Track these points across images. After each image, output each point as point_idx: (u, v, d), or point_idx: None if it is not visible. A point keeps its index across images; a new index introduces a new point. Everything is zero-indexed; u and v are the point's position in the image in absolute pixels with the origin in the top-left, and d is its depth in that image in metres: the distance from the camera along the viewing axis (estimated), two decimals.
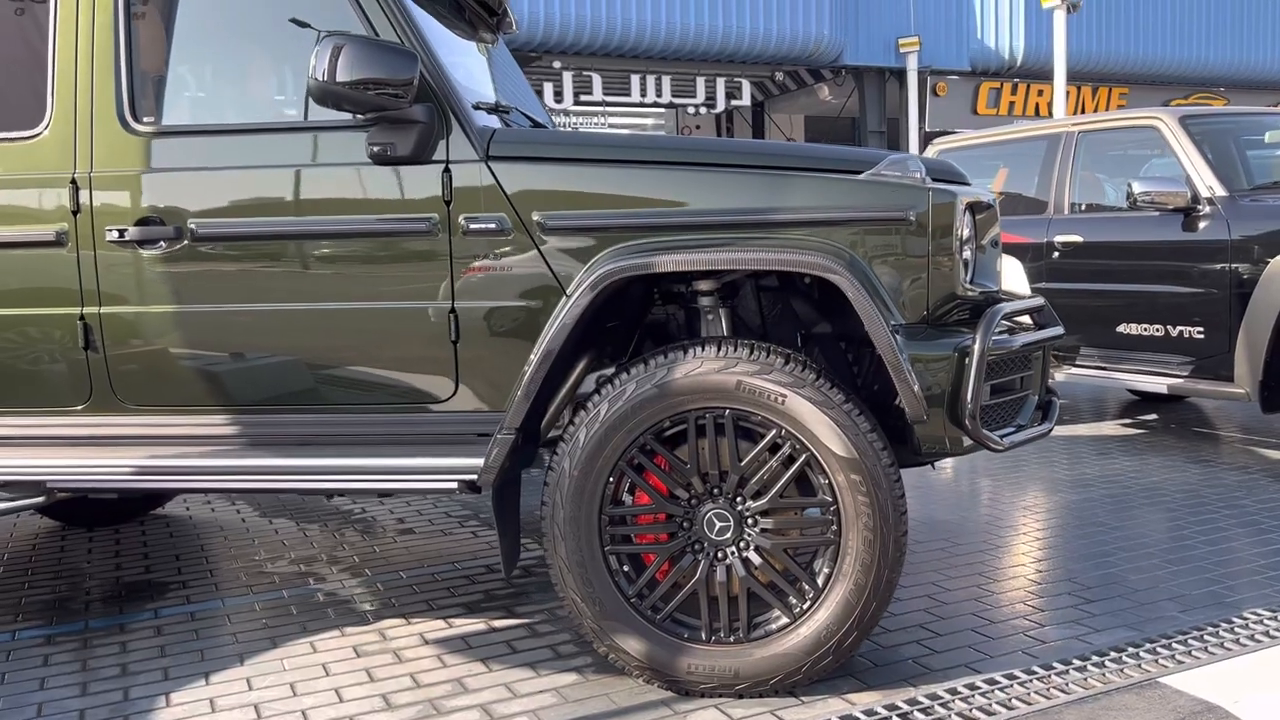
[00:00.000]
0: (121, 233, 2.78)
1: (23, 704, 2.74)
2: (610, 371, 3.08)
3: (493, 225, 2.70)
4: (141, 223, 2.78)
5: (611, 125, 16.92)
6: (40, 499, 2.91)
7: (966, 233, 2.69)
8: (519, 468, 2.85)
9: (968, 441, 2.61)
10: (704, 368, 2.55)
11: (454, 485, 2.70)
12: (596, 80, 15.55)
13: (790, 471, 2.57)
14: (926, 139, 17.34)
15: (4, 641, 3.18)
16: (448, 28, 3.20)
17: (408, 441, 2.83)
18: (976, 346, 2.53)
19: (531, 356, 2.63)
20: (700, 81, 16.48)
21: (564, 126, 11.64)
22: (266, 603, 3.46)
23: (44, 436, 2.91)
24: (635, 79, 16.01)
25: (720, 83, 16.65)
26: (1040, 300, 3.05)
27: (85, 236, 2.81)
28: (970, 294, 2.70)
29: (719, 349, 2.57)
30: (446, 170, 2.71)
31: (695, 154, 2.75)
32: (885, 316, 2.51)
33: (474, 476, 2.67)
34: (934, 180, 2.71)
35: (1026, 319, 3.06)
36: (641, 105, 16.36)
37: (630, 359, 3.16)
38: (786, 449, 2.57)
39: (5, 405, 2.91)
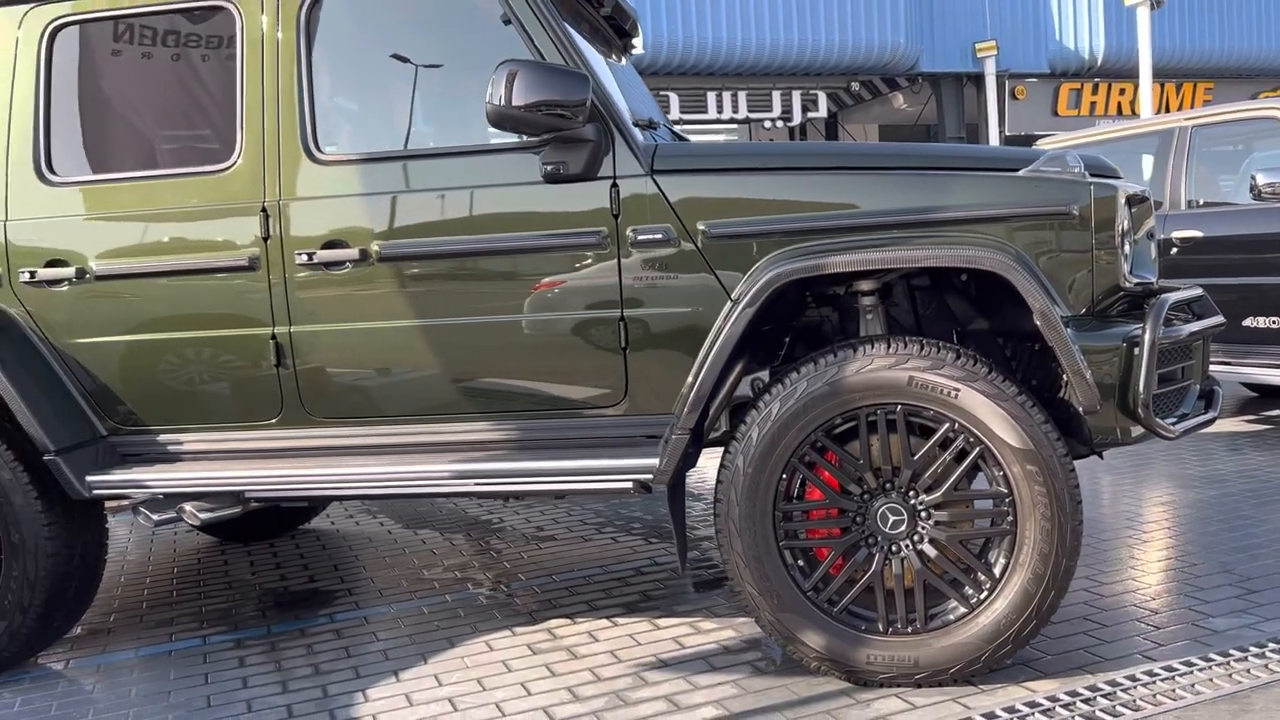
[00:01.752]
0: (310, 256, 2.96)
1: (232, 700, 2.92)
2: (765, 374, 3.19)
3: (659, 235, 2.82)
4: (328, 246, 2.96)
5: None
6: (237, 509, 3.10)
7: (1126, 225, 2.73)
8: (685, 469, 2.96)
9: (1138, 431, 2.64)
10: (875, 365, 2.63)
11: (629, 485, 2.81)
12: (673, 99, 15.72)
13: (964, 464, 2.63)
14: (1007, 143, 17.17)
15: (197, 646, 3.38)
16: (593, 49, 3.34)
17: (581, 445, 2.95)
18: (1147, 336, 2.57)
19: (702, 360, 2.73)
20: (776, 95, 16.56)
21: None
22: (432, 606, 3.61)
23: (240, 450, 3.10)
24: (711, 96, 16.16)
25: (796, 96, 16.70)
26: (1199, 290, 3.07)
27: (275, 261, 2.99)
28: (1130, 285, 2.74)
29: (889, 346, 2.64)
30: (614, 185, 2.84)
31: (855, 158, 2.84)
32: (1055, 309, 2.56)
33: (649, 476, 2.78)
34: (1090, 175, 2.76)
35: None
36: (718, 121, 16.49)
37: (783, 362, 3.26)
38: (959, 442, 2.63)
39: (204, 421, 3.11)
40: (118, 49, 3.18)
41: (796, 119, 16.95)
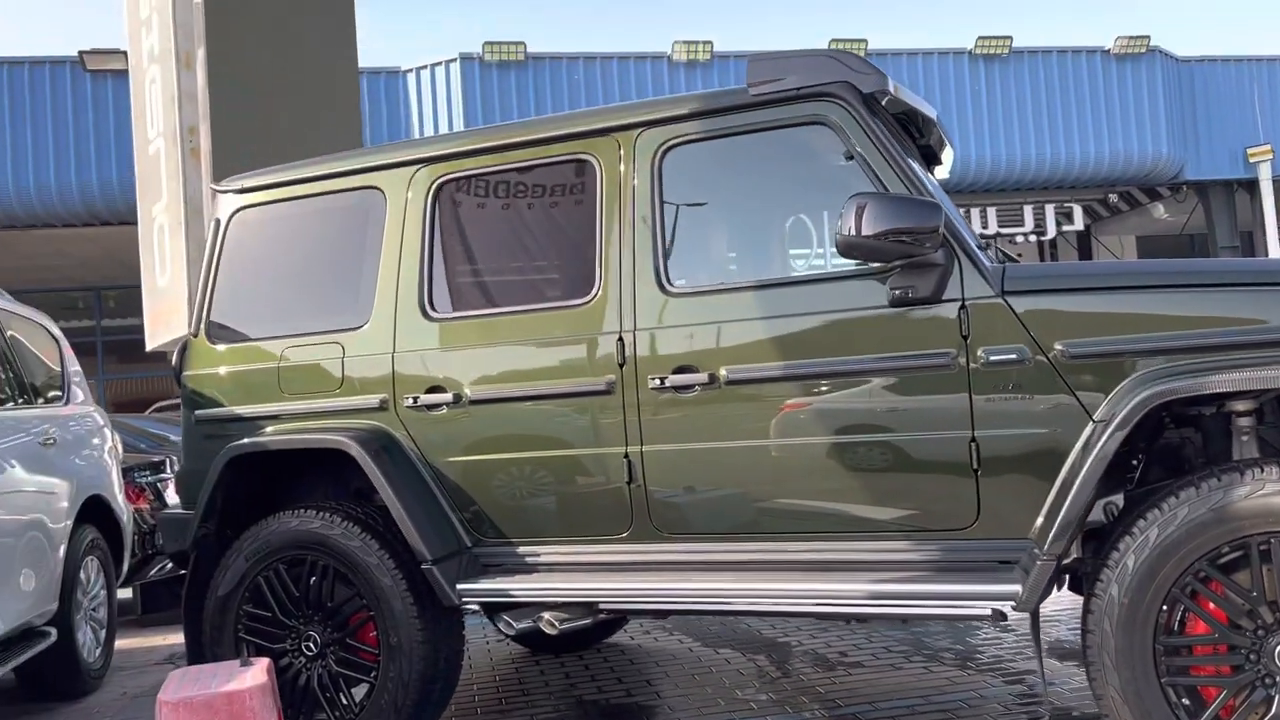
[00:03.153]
0: (662, 380, 3.15)
1: None
2: (1118, 499, 3.06)
3: (1012, 355, 2.81)
4: (679, 370, 3.14)
5: None
6: (588, 620, 3.27)
7: None
8: (1045, 596, 2.86)
9: None
10: (1268, 489, 2.48)
11: (987, 612, 2.76)
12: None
13: None
14: None
15: None
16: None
17: (928, 568, 2.93)
18: None
19: (1067, 484, 2.67)
20: (1028, 210, 16.16)
21: None
22: None
23: (592, 562, 3.28)
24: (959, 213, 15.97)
25: (1049, 209, 16.23)
26: None
27: (630, 384, 3.21)
28: None
29: None
30: (963, 307, 2.88)
31: (1229, 274, 2.76)
32: None
33: (1010, 604, 2.71)
34: None
35: None
36: None
37: (1137, 486, 3.12)
38: None
39: (559, 534, 3.33)
40: (490, 199, 3.58)
41: (1050, 233, 16.44)
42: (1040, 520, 2.76)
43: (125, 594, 5.61)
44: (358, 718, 3.39)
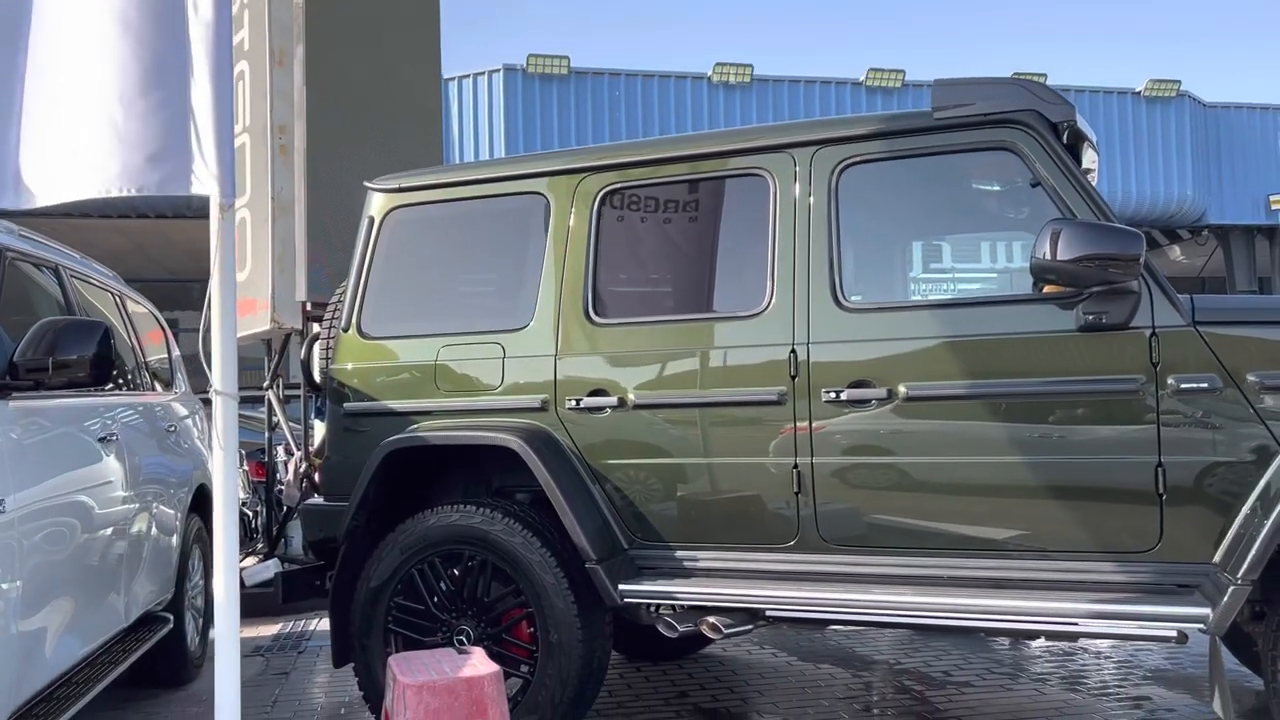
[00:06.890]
0: (837, 394, 3.21)
1: None
2: None
3: (1204, 385, 2.89)
4: (855, 385, 3.20)
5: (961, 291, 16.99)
6: (749, 627, 3.30)
7: None
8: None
9: None
10: None
11: (1172, 633, 2.82)
12: (946, 249, 15.80)
13: None
14: None
15: None
16: None
17: (1106, 588, 2.98)
18: None
19: (1261, 513, 2.73)
20: None
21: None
22: None
23: (754, 570, 3.32)
24: (985, 246, 16.12)
25: None
26: None
27: (802, 395, 3.26)
28: None
29: None
30: (1153, 335, 2.95)
31: None
32: None
33: (1200, 626, 2.77)
34: None
35: None
36: (992, 270, 16.38)
37: None
38: None
39: (720, 540, 3.37)
40: (657, 209, 3.63)
41: None
42: (1225, 546, 2.82)
43: None
44: (512, 713, 3.41)
